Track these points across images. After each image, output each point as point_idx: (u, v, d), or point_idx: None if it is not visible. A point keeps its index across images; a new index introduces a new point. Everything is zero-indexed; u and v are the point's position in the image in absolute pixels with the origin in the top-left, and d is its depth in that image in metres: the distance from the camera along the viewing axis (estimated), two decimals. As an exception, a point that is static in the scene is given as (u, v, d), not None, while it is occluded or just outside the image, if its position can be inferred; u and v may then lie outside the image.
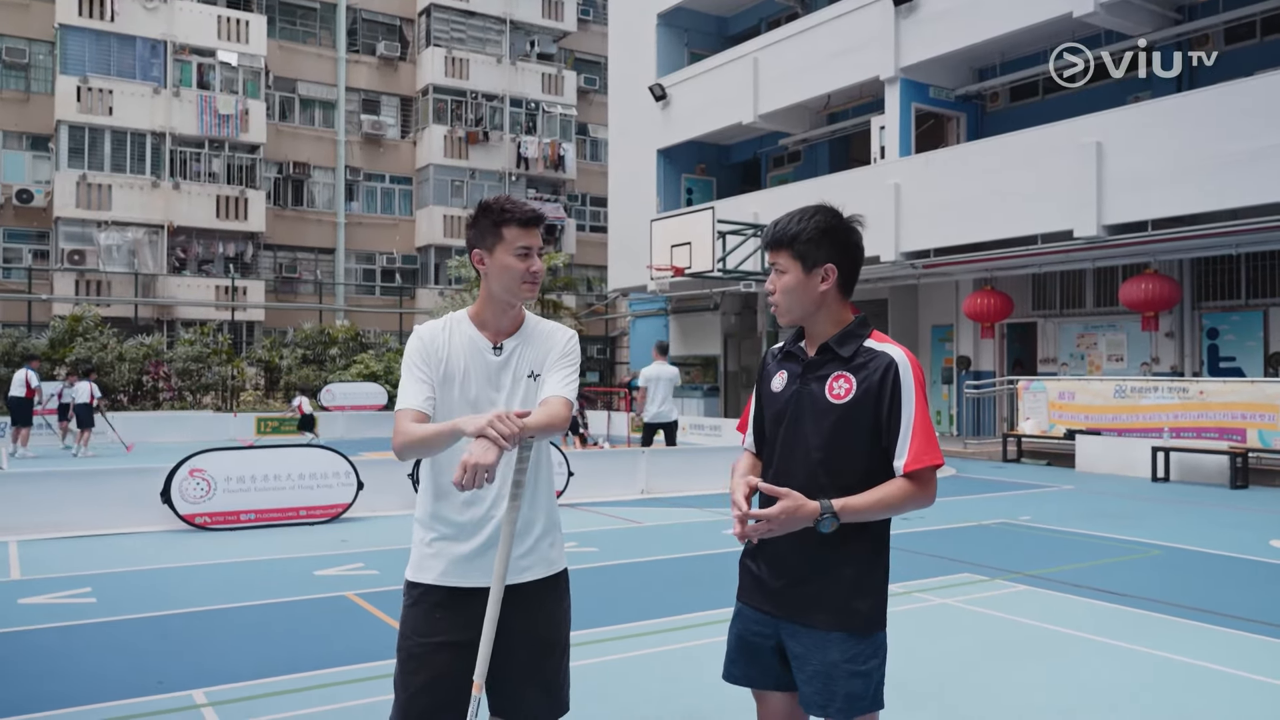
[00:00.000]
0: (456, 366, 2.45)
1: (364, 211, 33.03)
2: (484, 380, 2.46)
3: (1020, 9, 16.38)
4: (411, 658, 2.39)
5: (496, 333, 2.49)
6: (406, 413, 2.37)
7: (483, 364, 2.46)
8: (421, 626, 2.40)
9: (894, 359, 2.29)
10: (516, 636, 2.36)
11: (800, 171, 23.69)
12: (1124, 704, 4.34)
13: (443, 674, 2.36)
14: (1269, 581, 7.06)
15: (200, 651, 5.09)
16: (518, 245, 2.43)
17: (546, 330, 2.56)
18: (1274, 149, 12.98)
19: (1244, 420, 13.28)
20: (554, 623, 2.48)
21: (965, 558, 7.76)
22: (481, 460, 2.09)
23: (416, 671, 2.37)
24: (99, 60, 27.71)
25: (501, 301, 2.48)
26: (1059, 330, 18.86)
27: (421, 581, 2.43)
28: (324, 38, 32.62)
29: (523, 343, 2.50)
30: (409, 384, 2.42)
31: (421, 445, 2.30)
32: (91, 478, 9.64)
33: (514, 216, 2.43)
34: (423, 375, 2.43)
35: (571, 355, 2.52)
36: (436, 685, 2.35)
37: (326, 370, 26.03)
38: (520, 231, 2.43)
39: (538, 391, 2.46)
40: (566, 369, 2.48)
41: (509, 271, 2.44)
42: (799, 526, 2.19)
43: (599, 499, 11.14)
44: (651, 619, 5.78)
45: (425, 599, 2.42)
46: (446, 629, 2.38)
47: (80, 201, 27.18)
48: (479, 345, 2.47)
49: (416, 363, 2.44)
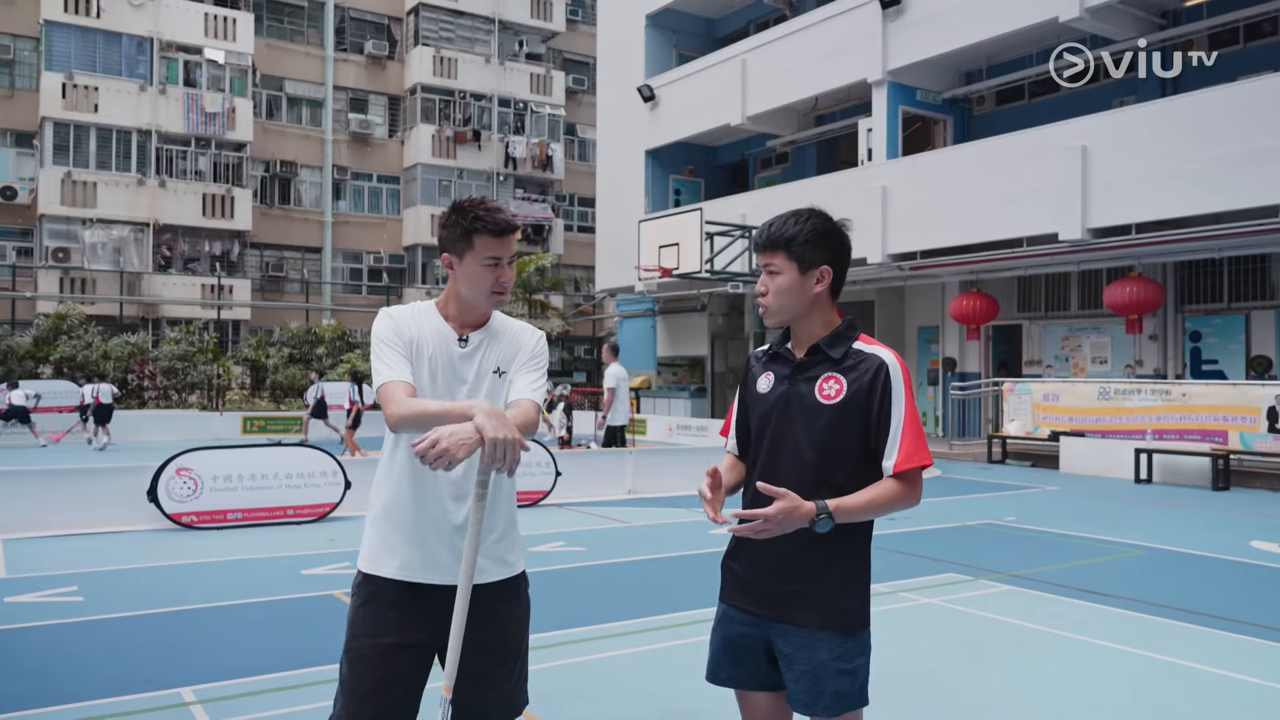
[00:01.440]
0: (424, 351, 2.41)
1: (351, 211, 32.94)
2: (449, 370, 2.42)
3: (1006, 13, 16.49)
4: (361, 660, 2.33)
5: (462, 325, 2.46)
6: (398, 384, 2.30)
7: (448, 354, 2.43)
8: (372, 627, 2.35)
9: (884, 361, 2.32)
10: (471, 637, 2.29)
11: (788, 173, 23.76)
12: (1106, 702, 4.39)
13: (394, 675, 2.31)
14: (1249, 582, 7.15)
15: (188, 650, 5.09)
16: (487, 255, 2.38)
17: (514, 329, 2.53)
18: (1257, 153, 13.12)
19: (1226, 422, 13.41)
20: (509, 626, 2.45)
21: (950, 558, 7.81)
22: (452, 449, 2.03)
23: (366, 674, 2.32)
24: (84, 57, 27.55)
25: (468, 302, 2.46)
26: (1044, 332, 18.98)
27: (378, 575, 2.39)
28: (312, 36, 32.52)
29: (489, 338, 2.48)
30: (390, 357, 2.35)
31: (429, 420, 2.18)
32: (78, 476, 9.59)
33: (486, 225, 2.37)
34: (401, 350, 2.37)
35: (540, 358, 2.50)
36: (388, 687, 2.31)
37: (313, 369, 25.91)
38: (492, 241, 2.37)
39: (502, 389, 2.44)
40: (535, 371, 2.46)
41: (477, 280, 2.40)
42: (795, 527, 2.20)
43: (586, 499, 11.16)
44: (638, 618, 5.81)
45: (378, 597, 2.37)
46: (399, 629, 2.34)
47: (65, 199, 27.01)
48: (445, 335, 2.44)
49: (390, 339, 2.38)
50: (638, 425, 21.08)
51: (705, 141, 24.84)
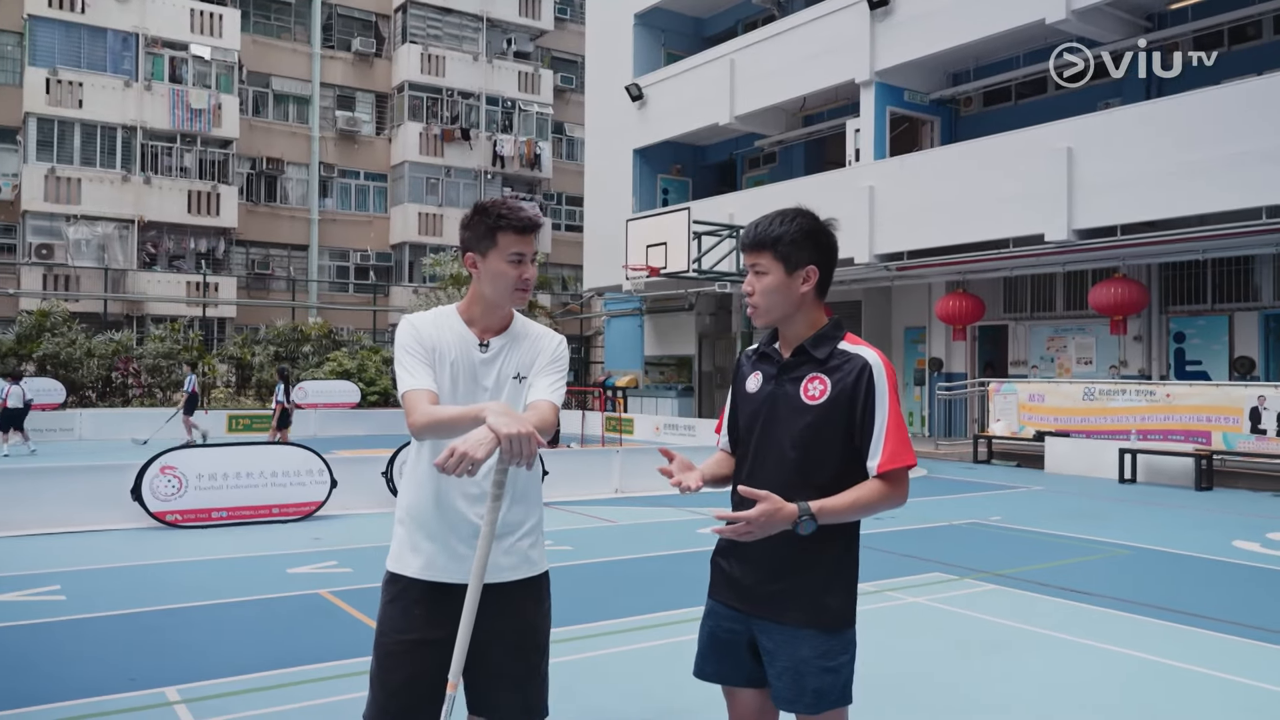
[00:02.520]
0: (445, 357, 2.44)
1: (338, 208, 32.79)
2: (470, 376, 2.45)
3: (994, 15, 16.57)
4: (390, 655, 2.38)
5: (484, 330, 2.49)
6: (420, 393, 2.34)
7: (469, 359, 2.45)
8: (399, 624, 2.40)
9: (868, 361, 2.32)
10: (494, 636, 2.35)
11: (776, 173, 23.80)
12: (1091, 701, 4.42)
13: (421, 671, 2.36)
14: (1232, 581, 7.20)
15: (172, 649, 5.06)
16: (511, 251, 2.42)
17: (535, 333, 2.55)
18: (1240, 156, 13.22)
19: (1209, 423, 13.51)
20: (532, 624, 2.48)
21: (936, 557, 7.84)
22: (472, 453, 2.07)
23: (395, 669, 2.37)
24: (69, 52, 27.33)
25: (491, 303, 2.48)
26: (1029, 333, 19.07)
27: (403, 574, 2.43)
28: (299, 33, 32.36)
29: (510, 342, 2.50)
30: (413, 365, 2.39)
31: (446, 426, 2.26)
32: (60, 474, 9.51)
33: (510, 222, 2.41)
34: (423, 358, 2.41)
35: (560, 361, 2.52)
36: (415, 683, 2.36)
37: (299, 368, 25.80)
38: (516, 238, 2.42)
39: (523, 394, 2.46)
40: (555, 374, 2.48)
41: (501, 277, 2.43)
42: (778, 529, 2.20)
43: (573, 498, 11.16)
44: (624, 617, 5.81)
45: (405, 595, 2.41)
46: (424, 626, 2.38)
47: (49, 195, 26.79)
48: (467, 340, 2.46)
49: (412, 347, 2.41)
50: (624, 424, 21.09)
51: (693, 141, 24.85)
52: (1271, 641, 5.41)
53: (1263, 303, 15.76)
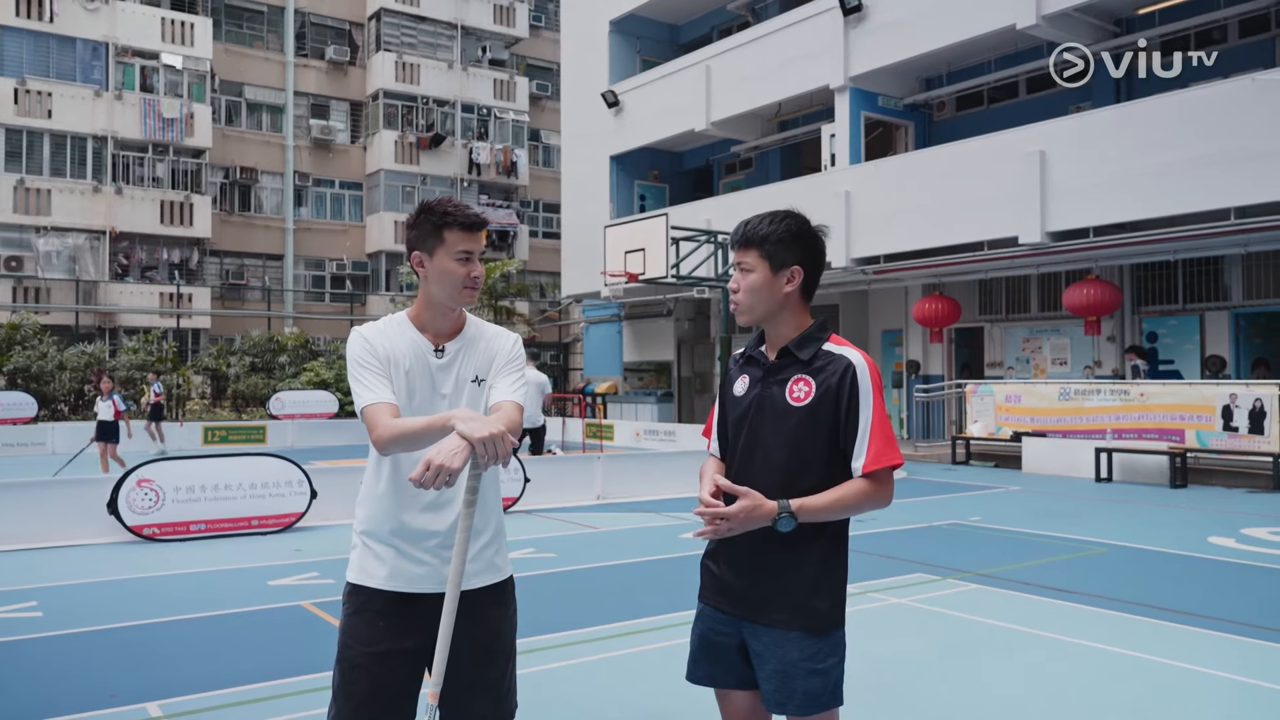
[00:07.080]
0: (400, 366, 2.41)
1: (313, 217, 32.60)
2: (426, 383, 2.43)
3: (965, 21, 16.74)
4: (355, 668, 2.35)
5: (437, 335, 2.46)
6: (380, 406, 2.31)
7: (425, 366, 2.43)
8: (364, 635, 2.37)
9: (852, 362, 2.34)
10: (462, 643, 2.31)
11: (752, 178, 23.89)
12: (1074, 698, 4.46)
13: (386, 683, 2.34)
14: (1208, 577, 7.29)
15: (153, 664, 5.00)
16: (459, 249, 2.39)
17: (490, 334, 2.53)
18: (1208, 158, 13.42)
19: (1182, 421, 13.67)
20: (499, 629, 2.47)
21: (917, 558, 7.89)
22: (448, 463, 2.05)
23: (359, 681, 2.34)
24: (37, 62, 27.05)
25: (441, 305, 2.45)
26: (1005, 334, 19.24)
27: (366, 585, 2.40)
28: (271, 41, 32.18)
29: (465, 346, 2.48)
30: (370, 379, 2.35)
31: (413, 438, 2.24)
32: (34, 489, 9.38)
33: (457, 220, 2.39)
34: (378, 370, 2.37)
35: (518, 360, 2.51)
36: (380, 694, 2.34)
37: (275, 379, 25.63)
38: (462, 235, 2.39)
39: (482, 396, 2.45)
40: (515, 373, 2.48)
41: (449, 275, 2.40)
42: (757, 525, 2.23)
43: (555, 504, 11.14)
44: (610, 623, 5.80)
45: (368, 606, 2.39)
46: (390, 637, 2.36)
47: (18, 206, 26.49)
48: (421, 347, 2.44)
49: (365, 360, 2.38)
50: (605, 431, 21.08)
51: (670, 147, 24.91)
52: (1248, 635, 5.48)
53: (1233, 302, 15.99)
